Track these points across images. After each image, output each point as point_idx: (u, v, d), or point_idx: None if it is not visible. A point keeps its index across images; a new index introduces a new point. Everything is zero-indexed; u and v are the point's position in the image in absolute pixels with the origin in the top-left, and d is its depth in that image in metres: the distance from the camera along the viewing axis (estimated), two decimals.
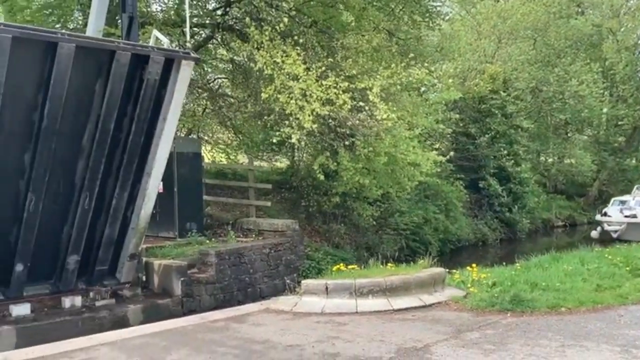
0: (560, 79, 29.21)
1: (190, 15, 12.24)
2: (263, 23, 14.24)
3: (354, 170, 14.33)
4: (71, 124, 8.97)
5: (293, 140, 13.18)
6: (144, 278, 11.15)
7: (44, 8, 15.62)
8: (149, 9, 16.50)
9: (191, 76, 11.25)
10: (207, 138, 20.10)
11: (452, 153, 21.05)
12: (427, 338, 6.40)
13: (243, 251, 12.44)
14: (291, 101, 12.78)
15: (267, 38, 13.30)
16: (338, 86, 12.57)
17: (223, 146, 19.95)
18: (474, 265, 9.53)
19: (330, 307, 7.68)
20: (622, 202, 25.40)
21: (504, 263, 10.70)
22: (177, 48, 13.69)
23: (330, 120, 13.56)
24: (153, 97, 9.52)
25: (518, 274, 9.23)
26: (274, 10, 14.70)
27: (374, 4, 16.11)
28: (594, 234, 24.43)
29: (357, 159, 14.27)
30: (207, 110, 18.93)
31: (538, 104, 30.38)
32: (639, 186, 27.39)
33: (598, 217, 25.50)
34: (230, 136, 20.08)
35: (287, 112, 13.02)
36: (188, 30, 11.90)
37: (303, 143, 14.23)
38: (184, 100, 12.59)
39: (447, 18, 22.39)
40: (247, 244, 12.95)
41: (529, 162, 29.07)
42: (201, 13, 16.89)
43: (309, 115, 12.44)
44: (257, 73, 14.75)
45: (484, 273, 9.16)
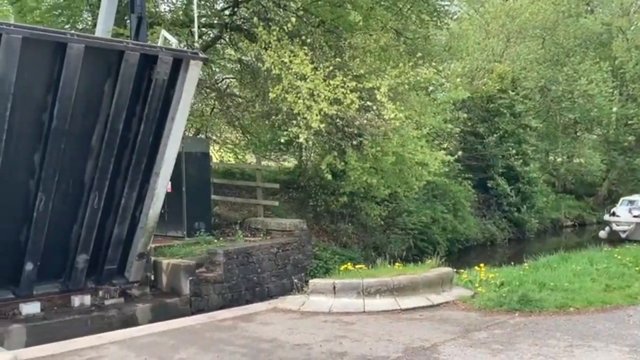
0: (569, 78, 29.01)
1: (198, 15, 12.28)
2: (271, 23, 14.26)
3: (362, 169, 14.32)
4: (80, 124, 9.02)
5: (301, 139, 13.19)
6: (153, 277, 11.20)
7: (54, 9, 15.72)
8: (158, 9, 16.57)
9: (199, 76, 11.28)
10: (215, 138, 20.16)
11: (460, 152, 21.01)
12: (435, 337, 6.40)
13: (251, 251, 12.47)
14: (299, 101, 12.80)
15: (275, 38, 13.32)
16: (346, 86, 12.57)
17: (231, 146, 20.03)
18: (482, 265, 9.52)
19: (337, 307, 7.69)
20: (631, 202, 25.14)
21: (512, 263, 10.67)
22: (186, 48, 13.74)
23: (337, 119, 13.56)
24: (161, 97, 9.56)
25: (526, 274, 9.21)
26: (282, 10, 14.72)
27: (382, 4, 16.09)
28: (602, 234, 24.24)
29: (365, 159, 14.26)
30: (215, 110, 18.98)
31: (547, 103, 30.21)
32: None
33: (606, 217, 25.30)
34: (238, 136, 20.13)
35: (295, 112, 13.04)
36: (196, 30, 11.95)
37: (311, 143, 14.23)
38: (192, 100, 12.63)
39: (455, 17, 22.35)
40: (255, 244, 12.98)
41: (538, 162, 28.91)
42: (209, 13, 16.94)
43: (317, 114, 12.46)
44: (265, 73, 14.79)
45: (492, 273, 9.14)
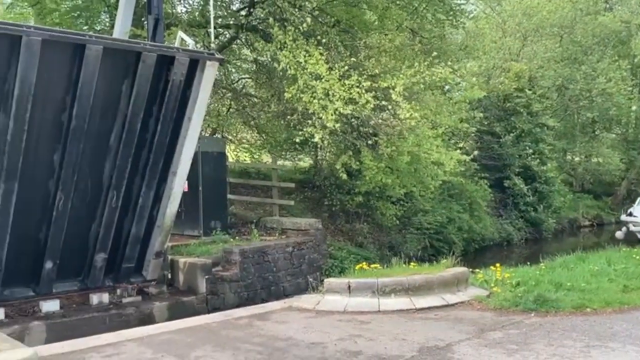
0: (587, 77, 28.67)
1: (214, 16, 12.36)
2: (286, 23, 14.30)
3: (377, 169, 14.31)
4: (99, 125, 9.12)
5: (316, 139, 13.22)
6: (170, 276, 11.28)
7: (72, 10, 15.90)
8: (174, 11, 16.71)
9: (216, 76, 11.34)
10: (231, 137, 20.24)
11: (477, 152, 20.85)
12: (450, 337, 6.40)
13: (266, 250, 12.53)
14: (314, 100, 12.82)
15: (291, 38, 13.36)
16: (361, 85, 12.56)
17: (247, 145, 20.11)
18: (498, 264, 9.48)
19: (352, 306, 7.71)
20: None
21: (529, 263, 10.61)
22: (202, 49, 13.83)
23: (353, 119, 13.57)
24: (178, 98, 9.65)
25: (542, 274, 9.16)
26: (297, 10, 14.75)
27: (397, 3, 16.04)
28: (619, 235, 23.80)
29: (380, 158, 14.25)
30: (231, 110, 19.07)
31: (564, 102, 29.90)
32: None
33: (623, 217, 24.86)
34: (254, 135, 20.20)
35: (310, 112, 13.08)
36: (212, 31, 12.02)
37: (326, 142, 14.24)
38: (209, 100, 12.72)
39: (472, 16, 22.18)
40: (271, 243, 13.02)
41: (555, 161, 28.62)
42: (225, 14, 17.02)
43: (332, 114, 12.48)
44: (281, 73, 14.83)
45: (508, 273, 9.10)
